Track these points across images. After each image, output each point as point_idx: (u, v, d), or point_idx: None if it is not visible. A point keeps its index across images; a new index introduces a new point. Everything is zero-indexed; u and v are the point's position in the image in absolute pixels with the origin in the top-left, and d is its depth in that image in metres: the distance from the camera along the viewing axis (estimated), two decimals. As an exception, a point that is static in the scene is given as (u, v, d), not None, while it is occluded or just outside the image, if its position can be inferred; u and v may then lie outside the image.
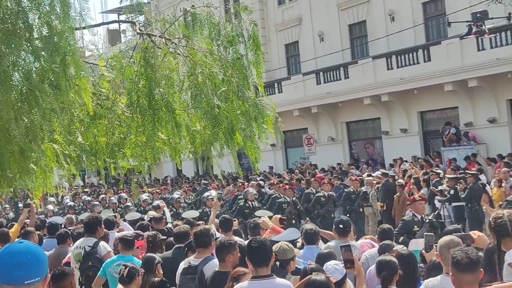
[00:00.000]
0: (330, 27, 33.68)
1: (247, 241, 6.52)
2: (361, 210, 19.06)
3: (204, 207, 18.09)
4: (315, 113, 33.11)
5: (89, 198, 25.79)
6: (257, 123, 7.16)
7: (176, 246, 8.73)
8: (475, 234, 6.24)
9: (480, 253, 6.14)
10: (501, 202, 15.94)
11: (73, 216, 15.90)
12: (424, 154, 28.52)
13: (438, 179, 18.87)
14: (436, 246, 6.92)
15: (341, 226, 8.60)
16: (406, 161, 25.13)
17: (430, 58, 26.41)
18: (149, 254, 8.08)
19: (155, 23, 7.80)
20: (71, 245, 10.00)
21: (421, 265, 7.40)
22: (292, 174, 27.77)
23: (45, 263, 3.29)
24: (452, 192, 17.21)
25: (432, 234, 7.35)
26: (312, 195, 19.34)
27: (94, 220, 9.05)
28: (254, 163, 7.71)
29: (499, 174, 18.42)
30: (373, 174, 22.10)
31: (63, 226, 13.47)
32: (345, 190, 19.71)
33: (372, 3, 31.47)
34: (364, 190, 19.38)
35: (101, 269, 8.32)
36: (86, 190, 33.90)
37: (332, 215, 18.56)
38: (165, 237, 9.94)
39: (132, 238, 8.60)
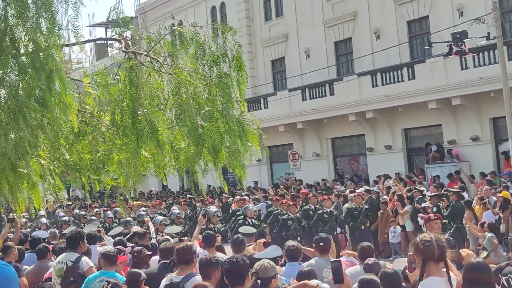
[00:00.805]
0: (316, 44, 33.94)
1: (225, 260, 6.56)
2: (363, 227, 18.35)
3: (209, 223, 17.35)
4: (301, 129, 33.28)
5: (82, 212, 25.63)
6: (242, 140, 7.25)
7: (162, 262, 8.72)
8: (464, 252, 6.33)
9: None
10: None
11: (57, 231, 15.82)
12: (408, 171, 28.72)
13: (421, 196, 19.01)
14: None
15: (321, 244, 8.65)
16: (390, 178, 25.31)
17: (415, 76, 26.69)
18: (134, 270, 8.06)
19: (140, 41, 7.88)
20: (52, 259, 9.95)
21: (404, 284, 7.47)
22: (278, 190, 27.83)
23: (14, 281, 3.26)
24: (435, 209, 17.32)
25: (412, 253, 7.40)
26: (311, 212, 18.82)
27: (76, 235, 9.00)
28: (241, 180, 7.79)
29: (481, 192, 18.59)
30: (357, 191, 22.20)
31: (46, 240, 13.39)
32: (348, 206, 18.84)
33: (358, 21, 31.78)
34: (367, 207, 18.77)
35: (83, 285, 8.29)
36: (69, 203, 33.70)
37: (335, 232, 18.16)
38: (150, 252, 9.94)
39: (115, 253, 8.59)
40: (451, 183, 22.43)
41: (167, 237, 11.68)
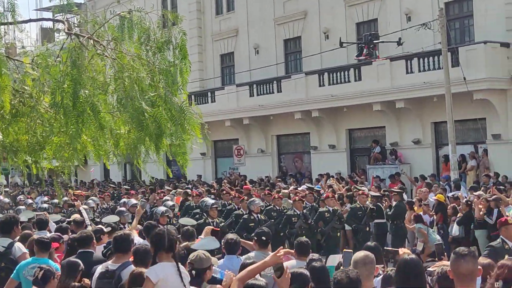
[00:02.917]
0: (266, 41, 34.01)
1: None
2: (368, 229, 16.91)
3: (206, 216, 15.54)
4: (247, 125, 33.31)
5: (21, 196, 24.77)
6: (184, 128, 7.18)
7: (80, 251, 8.49)
8: (402, 250, 6.42)
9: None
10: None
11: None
12: (351, 170, 29.09)
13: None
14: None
15: (263, 238, 8.66)
16: (332, 177, 25.57)
17: (361, 77, 27.02)
18: (73, 259, 7.90)
19: (84, 23, 7.73)
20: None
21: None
22: (221, 184, 27.77)
23: None
24: (375, 209, 17.56)
25: (351, 251, 7.51)
26: (273, 212, 16.80)
27: (10, 220, 8.81)
28: (184, 167, 7.72)
29: (420, 194, 18.97)
30: (299, 188, 22.35)
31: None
32: (351, 206, 17.54)
33: (308, 20, 31.97)
34: (372, 206, 17.19)
35: (14, 271, 8.10)
36: (6, 190, 32.88)
37: (338, 234, 16.89)
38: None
39: (49, 240, 8.41)
40: (392, 184, 22.83)
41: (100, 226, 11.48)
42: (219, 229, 10.67)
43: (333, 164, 29.06)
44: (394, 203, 17.41)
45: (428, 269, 6.54)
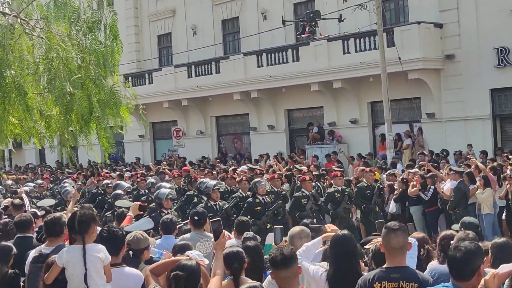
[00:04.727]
0: (203, 21, 33.73)
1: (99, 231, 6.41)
2: (377, 209, 15.59)
3: (207, 199, 13.70)
4: (185, 106, 33.11)
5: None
6: (113, 111, 7.05)
7: (18, 235, 8.33)
8: (329, 227, 6.51)
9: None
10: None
11: None
12: (290, 151, 29.29)
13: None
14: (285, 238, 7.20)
15: (196, 218, 8.66)
16: (274, 157, 25.71)
17: (299, 58, 27.14)
18: (5, 243, 7.73)
19: (11, 1, 7.48)
20: None
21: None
22: (159, 166, 27.53)
23: None
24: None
25: (281, 227, 7.64)
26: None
27: None
28: (105, 152, 7.61)
29: (357, 172, 19.25)
30: (238, 169, 22.38)
31: None
32: (358, 185, 15.97)
33: (246, 0, 31.85)
34: (381, 185, 16.14)
35: None
36: None
37: (350, 215, 15.67)
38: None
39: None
40: (329, 164, 23.11)
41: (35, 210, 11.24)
42: (146, 203, 10.61)
43: (272, 144, 29.22)
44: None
45: (365, 246, 6.68)
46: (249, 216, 12.17)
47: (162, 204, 11.92)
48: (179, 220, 10.61)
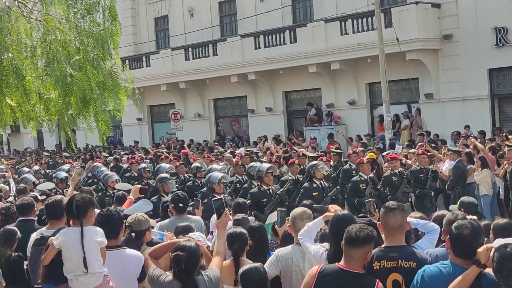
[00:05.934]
0: (200, 3, 33.51)
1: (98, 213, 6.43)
2: (432, 193, 14.51)
3: (260, 183, 12.55)
4: (183, 89, 33.04)
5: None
6: (111, 94, 7.03)
7: (20, 219, 8.37)
8: (333, 207, 6.53)
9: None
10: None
11: None
12: (288, 133, 29.31)
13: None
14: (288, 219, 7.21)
15: (180, 205, 8.63)
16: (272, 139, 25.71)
17: (296, 39, 27.03)
18: (9, 227, 7.77)
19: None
20: None
21: (273, 241, 7.68)
22: (157, 149, 27.53)
23: None
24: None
25: (285, 209, 7.64)
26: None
27: None
28: (103, 135, 7.60)
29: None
30: (237, 151, 22.38)
31: None
32: (410, 169, 14.65)
33: (242, -19, 31.66)
34: (433, 169, 14.67)
35: None
36: None
37: (410, 199, 14.37)
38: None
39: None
40: (329, 145, 23.14)
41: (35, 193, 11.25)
42: (147, 187, 10.58)
43: (270, 126, 29.21)
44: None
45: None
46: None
47: (214, 188, 11.54)
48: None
